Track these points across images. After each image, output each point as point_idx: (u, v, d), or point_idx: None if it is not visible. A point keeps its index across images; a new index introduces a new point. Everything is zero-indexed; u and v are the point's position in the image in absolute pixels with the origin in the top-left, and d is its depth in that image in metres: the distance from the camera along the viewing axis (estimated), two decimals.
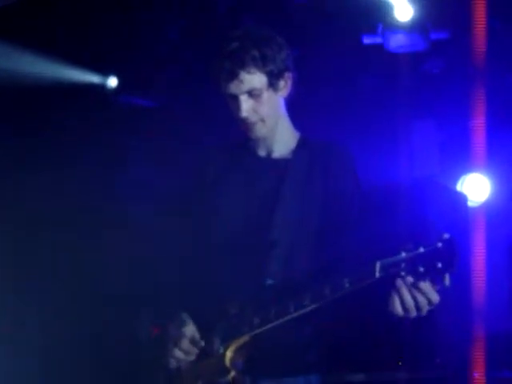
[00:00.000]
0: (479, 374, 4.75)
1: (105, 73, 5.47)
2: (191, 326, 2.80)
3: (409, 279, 2.44)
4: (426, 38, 4.89)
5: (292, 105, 2.95)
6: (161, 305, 2.88)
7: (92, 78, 5.40)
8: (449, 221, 4.53)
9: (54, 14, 4.83)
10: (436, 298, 2.45)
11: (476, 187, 5.13)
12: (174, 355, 2.81)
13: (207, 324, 2.79)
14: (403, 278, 2.45)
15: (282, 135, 2.93)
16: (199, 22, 5.07)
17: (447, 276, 2.39)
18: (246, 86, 2.79)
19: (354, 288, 2.51)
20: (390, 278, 2.47)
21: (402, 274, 2.45)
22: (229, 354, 2.72)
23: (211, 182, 2.94)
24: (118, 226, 5.01)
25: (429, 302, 2.46)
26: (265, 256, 2.78)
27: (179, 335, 2.79)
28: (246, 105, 2.81)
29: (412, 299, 2.46)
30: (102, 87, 5.48)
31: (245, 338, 2.71)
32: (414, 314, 2.48)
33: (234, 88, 2.79)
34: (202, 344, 2.78)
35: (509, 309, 5.46)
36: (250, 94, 2.80)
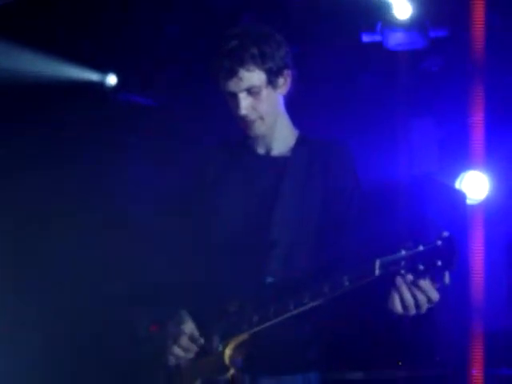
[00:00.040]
0: (478, 372, 4.75)
1: (104, 71, 5.47)
2: (190, 324, 2.80)
3: (408, 277, 2.44)
4: (425, 36, 4.89)
5: (291, 102, 2.95)
6: (160, 304, 2.88)
7: (91, 75, 5.39)
8: (448, 218, 4.53)
9: (53, 12, 4.83)
10: (436, 296, 2.45)
11: (475, 185, 5.12)
12: (173, 352, 2.81)
13: (207, 322, 2.79)
14: (403, 276, 2.45)
15: (281, 133, 2.93)
16: (199, 22, 5.06)
17: (447, 274, 2.39)
18: (245, 83, 2.78)
19: (353, 286, 2.51)
20: (389, 276, 2.47)
21: (402, 272, 2.45)
22: (228, 352, 2.72)
23: (211, 181, 2.94)
24: (118, 225, 5.01)
25: (428, 300, 2.46)
26: (264, 254, 2.78)
27: (178, 332, 2.79)
28: (245, 102, 2.80)
29: (412, 297, 2.46)
30: (102, 85, 5.47)
31: (244, 336, 2.71)
32: (413, 312, 2.48)
33: (233, 86, 2.79)
34: (201, 341, 2.78)
35: (507, 306, 5.46)
36: (249, 91, 2.80)
